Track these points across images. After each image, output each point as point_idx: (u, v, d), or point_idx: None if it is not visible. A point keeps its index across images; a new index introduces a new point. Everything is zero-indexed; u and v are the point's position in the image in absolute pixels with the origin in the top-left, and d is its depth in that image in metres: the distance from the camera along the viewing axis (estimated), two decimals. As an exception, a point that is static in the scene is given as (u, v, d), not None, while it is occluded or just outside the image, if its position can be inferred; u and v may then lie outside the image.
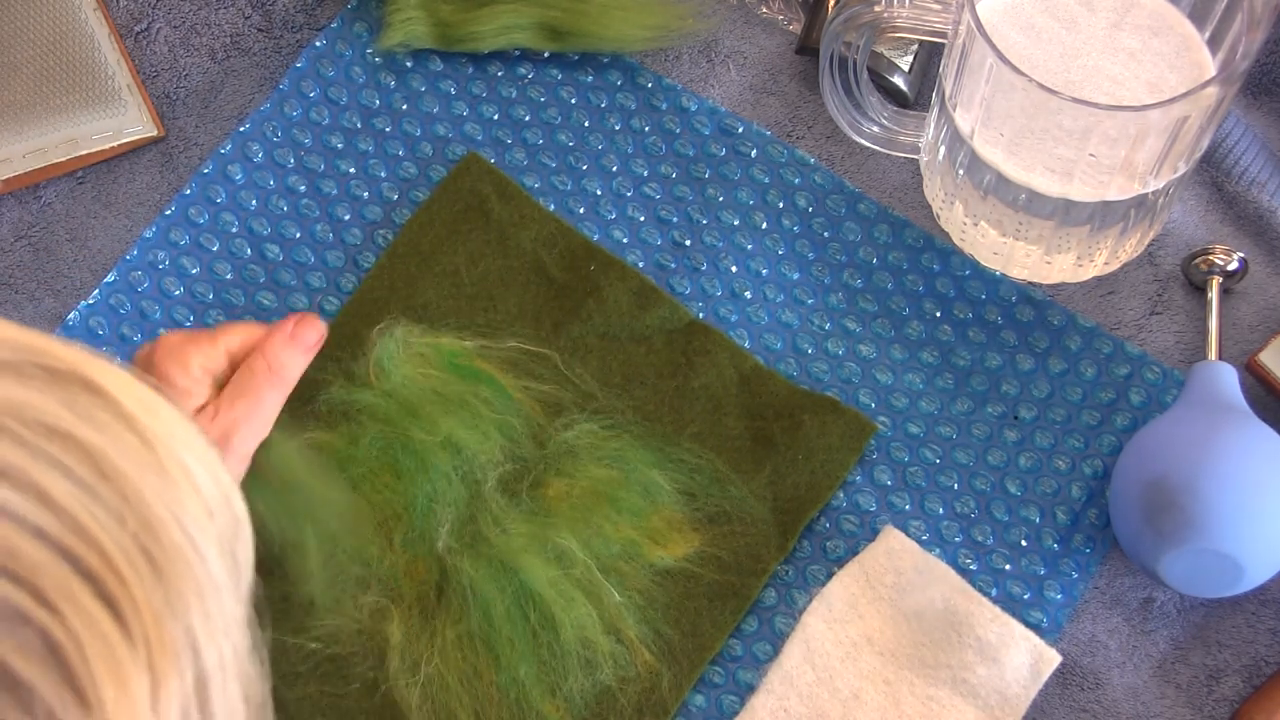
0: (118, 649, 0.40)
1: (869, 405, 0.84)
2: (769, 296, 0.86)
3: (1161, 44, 0.77)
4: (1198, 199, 0.88)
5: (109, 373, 0.44)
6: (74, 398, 0.42)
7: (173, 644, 0.41)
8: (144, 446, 0.43)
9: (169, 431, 0.44)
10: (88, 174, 0.89)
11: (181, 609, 0.42)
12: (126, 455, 0.42)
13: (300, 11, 0.93)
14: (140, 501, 0.42)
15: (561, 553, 0.78)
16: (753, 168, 0.88)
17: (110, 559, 0.40)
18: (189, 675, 0.42)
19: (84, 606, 0.39)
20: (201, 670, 0.42)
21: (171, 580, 0.42)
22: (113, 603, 0.40)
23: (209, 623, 0.43)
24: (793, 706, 0.77)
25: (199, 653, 0.42)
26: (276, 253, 0.87)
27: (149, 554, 0.41)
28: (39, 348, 0.43)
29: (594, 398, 0.83)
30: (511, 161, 0.89)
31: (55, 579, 0.39)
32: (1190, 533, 0.74)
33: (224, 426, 0.71)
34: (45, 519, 0.40)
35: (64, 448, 0.41)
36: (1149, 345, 0.85)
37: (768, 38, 0.92)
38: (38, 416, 0.41)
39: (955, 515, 0.82)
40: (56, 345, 0.44)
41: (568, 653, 0.77)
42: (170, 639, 0.41)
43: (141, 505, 0.42)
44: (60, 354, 0.43)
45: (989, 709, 0.77)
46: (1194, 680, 0.79)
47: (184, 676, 0.41)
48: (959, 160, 0.80)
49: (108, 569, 0.40)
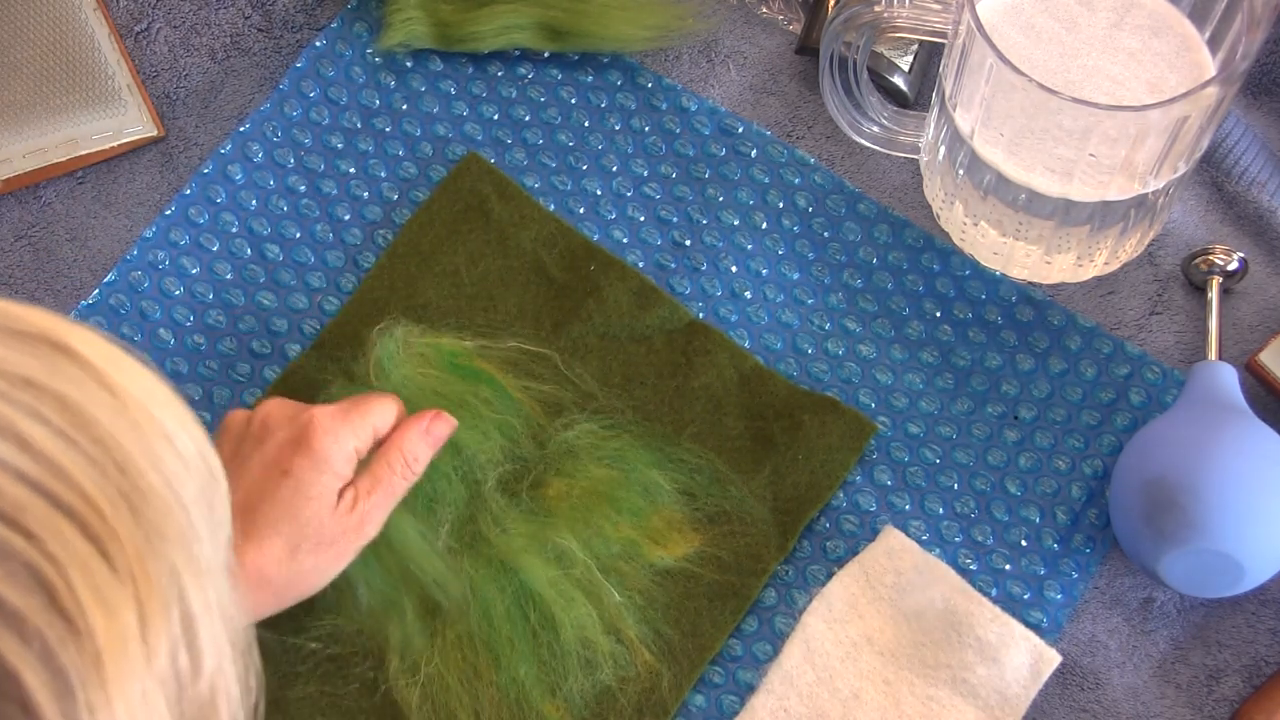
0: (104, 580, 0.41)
1: (869, 405, 0.84)
2: (769, 296, 0.86)
3: (1161, 44, 0.77)
4: (1198, 199, 0.88)
5: (77, 333, 0.45)
6: (45, 355, 0.43)
7: (158, 581, 0.42)
8: (117, 401, 0.44)
9: (140, 387, 0.45)
10: (88, 174, 0.89)
11: (164, 549, 0.42)
12: (100, 406, 0.43)
13: (300, 11, 0.93)
14: (118, 448, 0.43)
15: (561, 553, 0.78)
16: (753, 168, 0.88)
17: (91, 499, 0.41)
18: (175, 613, 0.42)
19: (69, 541, 0.40)
20: (188, 610, 0.43)
21: (152, 522, 0.42)
22: (96, 539, 0.41)
23: (192, 564, 0.44)
24: (793, 706, 0.77)
25: (184, 593, 0.43)
26: (276, 253, 0.87)
27: (128, 498, 0.42)
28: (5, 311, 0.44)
29: (594, 398, 0.83)
30: (511, 161, 0.89)
31: (39, 516, 0.40)
32: (1190, 533, 0.74)
33: (361, 515, 0.74)
34: (25, 462, 0.40)
35: (39, 398, 0.42)
36: (1149, 345, 0.85)
37: (768, 38, 0.92)
38: (11, 369, 0.42)
39: (955, 515, 0.82)
40: (22, 309, 0.44)
41: (568, 653, 0.77)
42: (155, 576, 0.42)
43: (119, 452, 0.43)
44: (28, 317, 0.44)
45: (989, 709, 0.77)
46: (1194, 680, 0.79)
47: (170, 614, 0.42)
48: (959, 160, 0.80)
49: (90, 509, 0.41)
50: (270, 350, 0.85)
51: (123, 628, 0.41)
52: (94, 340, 0.45)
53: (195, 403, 0.84)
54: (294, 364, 0.84)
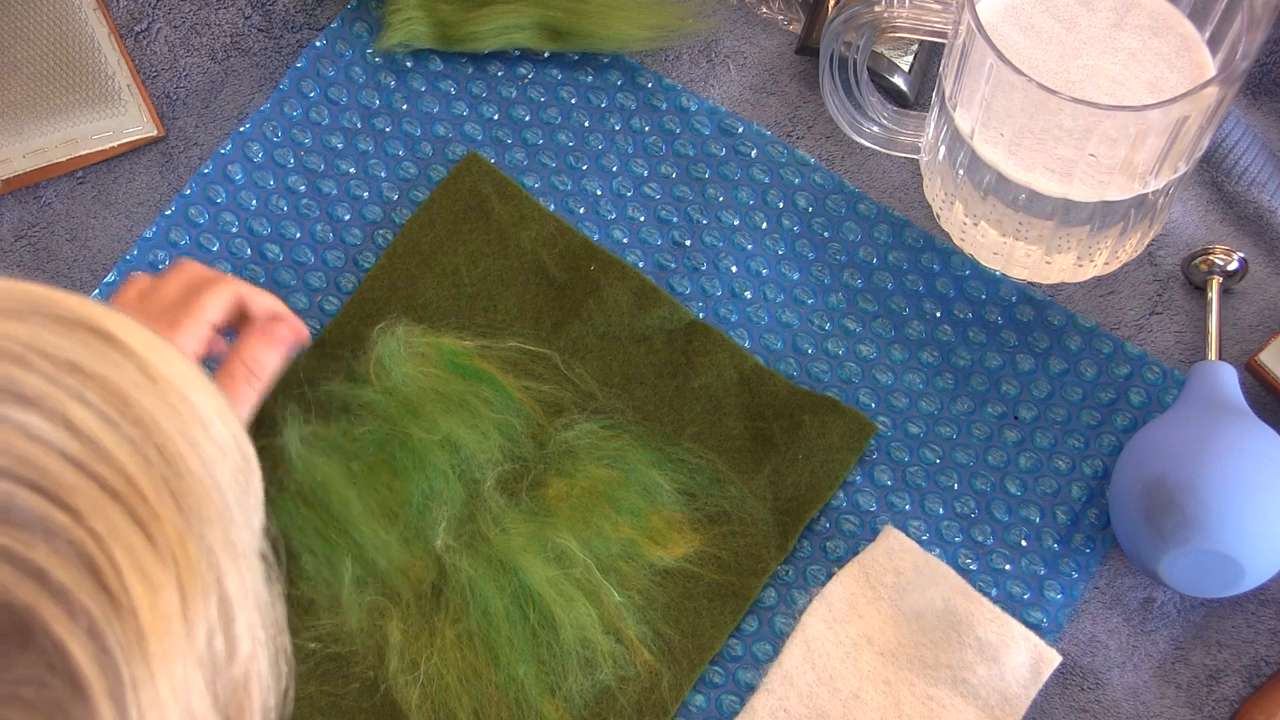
0: (147, 560, 0.41)
1: (869, 405, 0.84)
2: (769, 296, 0.86)
3: (1161, 44, 0.77)
4: (1198, 199, 0.88)
5: (117, 320, 0.45)
6: (87, 340, 0.44)
7: (198, 563, 0.43)
8: (157, 386, 0.44)
9: (179, 373, 0.46)
10: (88, 174, 0.89)
11: (203, 532, 0.43)
12: (141, 391, 0.44)
13: (300, 11, 0.93)
14: (158, 432, 0.43)
15: (561, 552, 0.78)
16: (753, 168, 0.88)
17: (134, 482, 0.42)
18: (214, 596, 0.43)
19: (114, 522, 0.41)
20: (224, 594, 0.44)
21: (192, 506, 0.43)
22: (140, 520, 0.42)
23: (229, 548, 0.44)
24: (793, 706, 0.77)
25: (221, 576, 0.44)
26: (276, 253, 0.87)
27: (169, 481, 0.43)
28: (46, 296, 0.45)
29: (594, 398, 0.83)
30: (511, 161, 0.89)
31: (86, 496, 0.41)
32: (1190, 533, 0.74)
33: None
34: (72, 444, 0.41)
35: (83, 382, 0.43)
36: (1149, 345, 0.85)
37: (768, 38, 0.92)
38: (57, 353, 0.43)
39: (955, 515, 0.82)
40: (63, 295, 0.45)
41: (567, 652, 0.77)
42: (195, 558, 0.43)
43: (160, 435, 0.43)
44: (68, 303, 0.45)
45: (989, 709, 0.77)
46: (1194, 680, 0.79)
47: (209, 596, 0.43)
48: (959, 160, 0.80)
49: (133, 491, 0.42)
50: (270, 350, 0.85)
51: (165, 606, 0.41)
52: (133, 327, 0.46)
53: (195, 403, 0.84)
54: (294, 363, 0.84)
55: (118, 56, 0.90)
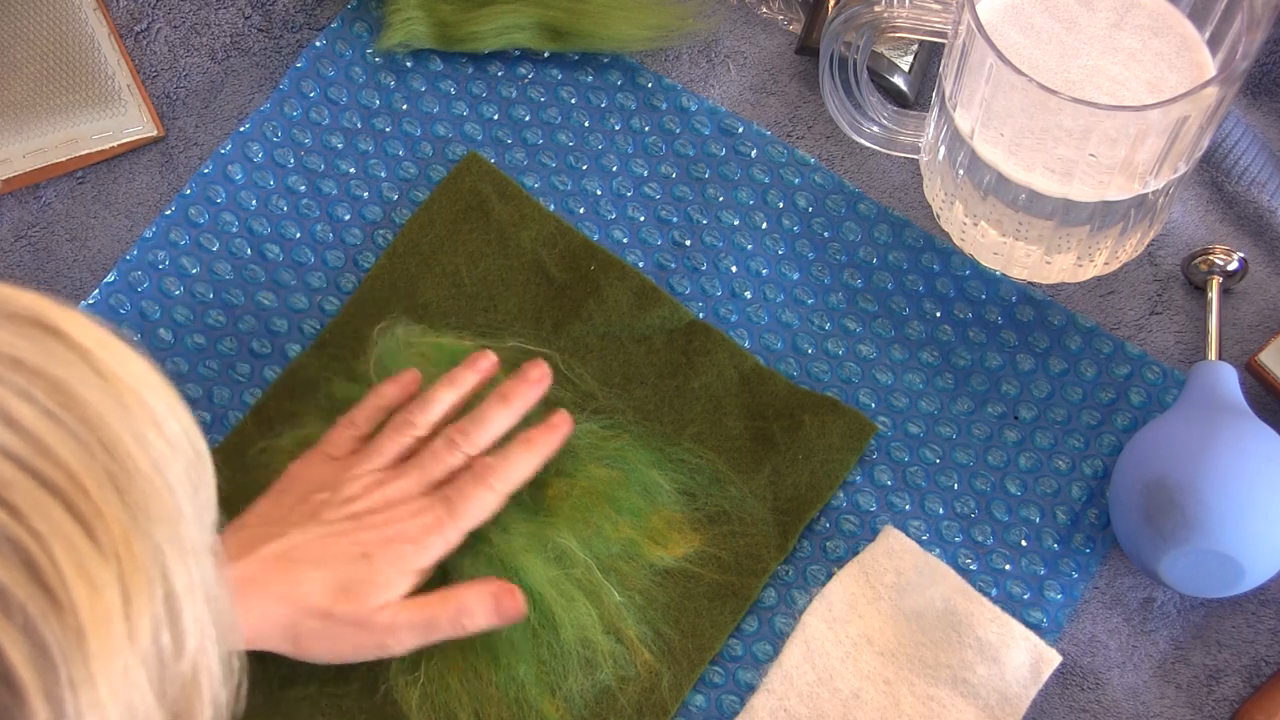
0: (88, 558, 0.41)
1: (869, 405, 0.84)
2: (769, 296, 0.86)
3: (1161, 44, 0.77)
4: (1198, 199, 0.88)
5: (67, 316, 0.45)
6: (35, 336, 0.43)
7: (142, 560, 0.42)
8: (106, 382, 0.44)
9: (130, 370, 0.45)
10: (88, 174, 0.89)
11: (149, 529, 0.43)
12: (89, 388, 0.43)
13: (300, 11, 0.93)
14: (105, 429, 0.43)
15: (561, 552, 0.78)
16: (753, 168, 0.88)
17: (77, 478, 0.42)
18: (159, 593, 0.43)
19: (54, 519, 0.41)
20: (171, 590, 0.43)
21: (138, 503, 0.43)
22: (82, 518, 0.41)
23: (177, 544, 0.44)
24: (793, 706, 0.77)
25: (168, 573, 0.43)
26: (276, 253, 0.87)
27: (115, 478, 0.43)
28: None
29: (594, 397, 0.83)
30: (511, 161, 0.89)
31: (24, 493, 0.40)
32: (1190, 533, 0.74)
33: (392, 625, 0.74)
34: (12, 440, 0.41)
35: (28, 378, 0.42)
36: (1149, 345, 0.85)
37: (768, 38, 0.92)
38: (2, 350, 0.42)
39: (955, 515, 0.82)
40: (12, 290, 0.45)
41: (568, 653, 0.77)
42: (139, 555, 0.42)
43: (107, 433, 0.43)
44: (20, 300, 0.44)
45: (989, 709, 0.77)
46: (1194, 680, 0.79)
47: (154, 593, 0.42)
48: (959, 160, 0.80)
49: (75, 487, 0.41)
50: (270, 350, 0.85)
51: (106, 604, 0.41)
52: (84, 324, 0.45)
53: (195, 402, 0.84)
54: (294, 364, 0.84)
55: (118, 56, 0.90)
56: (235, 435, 0.83)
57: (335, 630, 0.73)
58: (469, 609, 0.74)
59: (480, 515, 0.76)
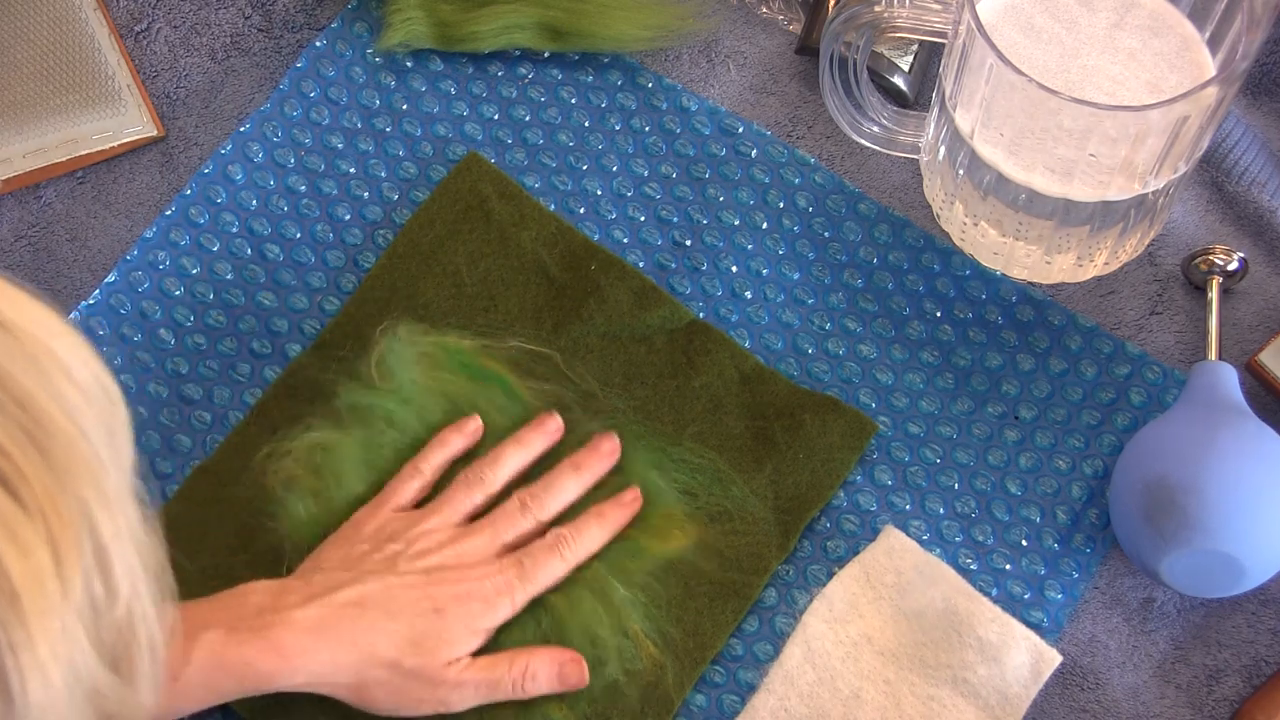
0: (14, 520, 0.41)
1: (869, 405, 0.84)
2: (769, 296, 0.86)
3: (1161, 44, 0.77)
4: (1198, 199, 0.88)
5: None
6: None
7: (69, 516, 0.42)
8: (10, 336, 0.44)
9: (31, 318, 0.45)
10: (88, 174, 0.89)
11: (71, 484, 0.43)
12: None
13: (300, 11, 0.93)
14: (16, 386, 0.43)
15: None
16: (753, 168, 0.88)
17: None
18: (88, 545, 0.43)
19: None
20: (99, 541, 0.43)
21: (58, 458, 0.43)
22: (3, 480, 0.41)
23: (100, 495, 0.44)
24: (793, 706, 0.77)
25: (95, 525, 0.43)
26: (276, 253, 0.87)
27: (32, 435, 0.42)
28: None
29: (595, 397, 0.83)
30: (511, 161, 0.89)
31: None
32: (1191, 533, 0.74)
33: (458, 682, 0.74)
34: None
35: None
36: (1149, 345, 0.85)
37: (768, 38, 0.92)
38: None
39: (956, 515, 0.82)
40: None
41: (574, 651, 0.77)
42: (65, 512, 0.42)
43: (17, 389, 0.43)
44: None
45: (989, 709, 0.77)
46: (1194, 680, 0.79)
47: (83, 547, 0.42)
48: (959, 160, 0.80)
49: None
50: (271, 350, 0.85)
51: (37, 565, 0.41)
52: None
53: (195, 403, 0.84)
54: (295, 364, 0.84)
55: (118, 56, 0.90)
56: (236, 435, 0.83)
57: (400, 682, 0.72)
58: (534, 674, 0.75)
59: (547, 583, 0.76)
